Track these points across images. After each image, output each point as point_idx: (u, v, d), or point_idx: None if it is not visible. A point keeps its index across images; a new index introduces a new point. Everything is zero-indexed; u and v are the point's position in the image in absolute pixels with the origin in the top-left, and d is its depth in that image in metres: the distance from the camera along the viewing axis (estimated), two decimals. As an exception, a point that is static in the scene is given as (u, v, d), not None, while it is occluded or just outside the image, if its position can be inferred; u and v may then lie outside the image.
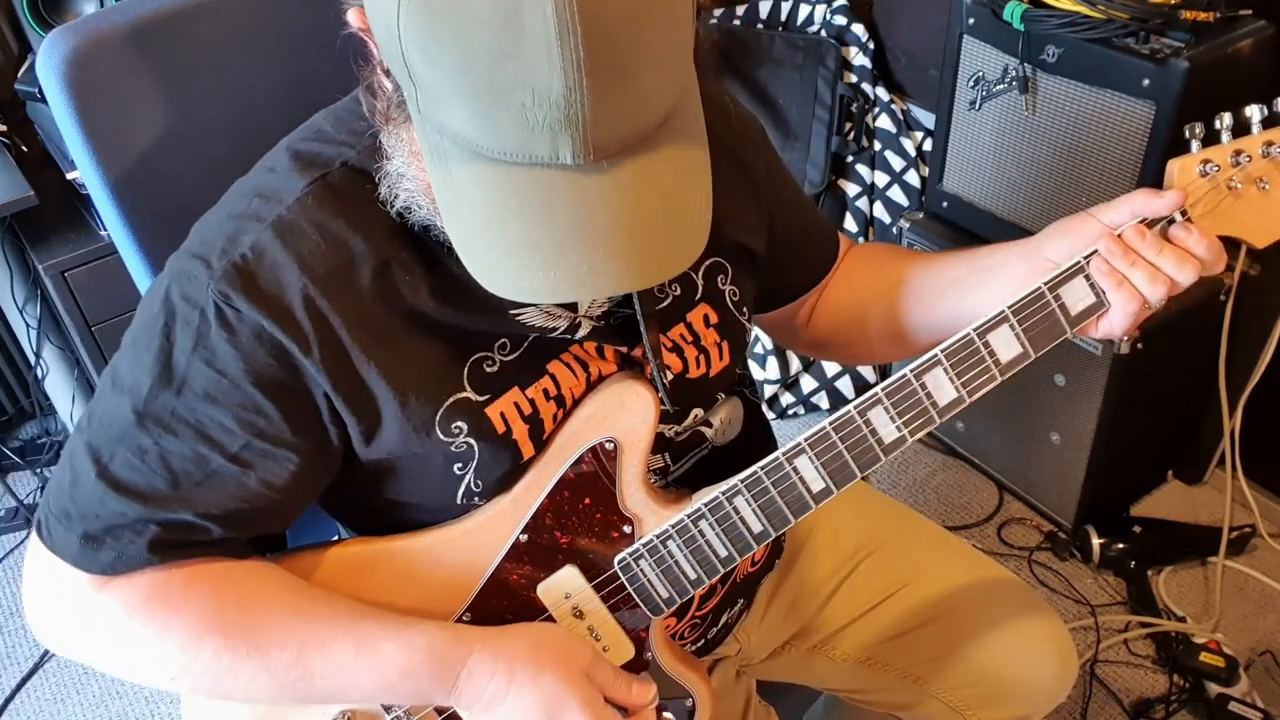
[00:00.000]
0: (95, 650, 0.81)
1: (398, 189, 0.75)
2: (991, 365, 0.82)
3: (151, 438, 0.75)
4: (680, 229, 0.67)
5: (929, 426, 0.83)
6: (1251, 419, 1.82)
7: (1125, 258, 0.80)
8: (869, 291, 1.03)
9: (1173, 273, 0.80)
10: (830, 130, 2.14)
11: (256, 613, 0.80)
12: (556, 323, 0.84)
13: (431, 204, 0.73)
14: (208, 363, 0.75)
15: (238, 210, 0.78)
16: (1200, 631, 1.76)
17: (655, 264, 0.66)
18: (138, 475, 0.75)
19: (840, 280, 1.08)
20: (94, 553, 0.76)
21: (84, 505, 0.76)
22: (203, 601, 0.78)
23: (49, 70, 0.91)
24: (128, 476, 0.75)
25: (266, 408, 0.76)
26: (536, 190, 0.63)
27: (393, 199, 0.76)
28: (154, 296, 0.78)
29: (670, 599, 0.89)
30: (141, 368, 0.76)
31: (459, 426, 0.81)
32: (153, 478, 0.75)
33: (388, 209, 0.77)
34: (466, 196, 0.65)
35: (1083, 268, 0.81)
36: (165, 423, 0.75)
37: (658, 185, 0.65)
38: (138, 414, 0.75)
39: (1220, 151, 0.81)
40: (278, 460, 0.77)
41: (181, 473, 0.76)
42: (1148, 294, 0.81)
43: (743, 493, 0.85)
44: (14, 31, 1.98)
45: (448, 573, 0.87)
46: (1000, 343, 0.81)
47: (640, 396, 0.84)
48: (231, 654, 0.78)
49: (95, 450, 0.76)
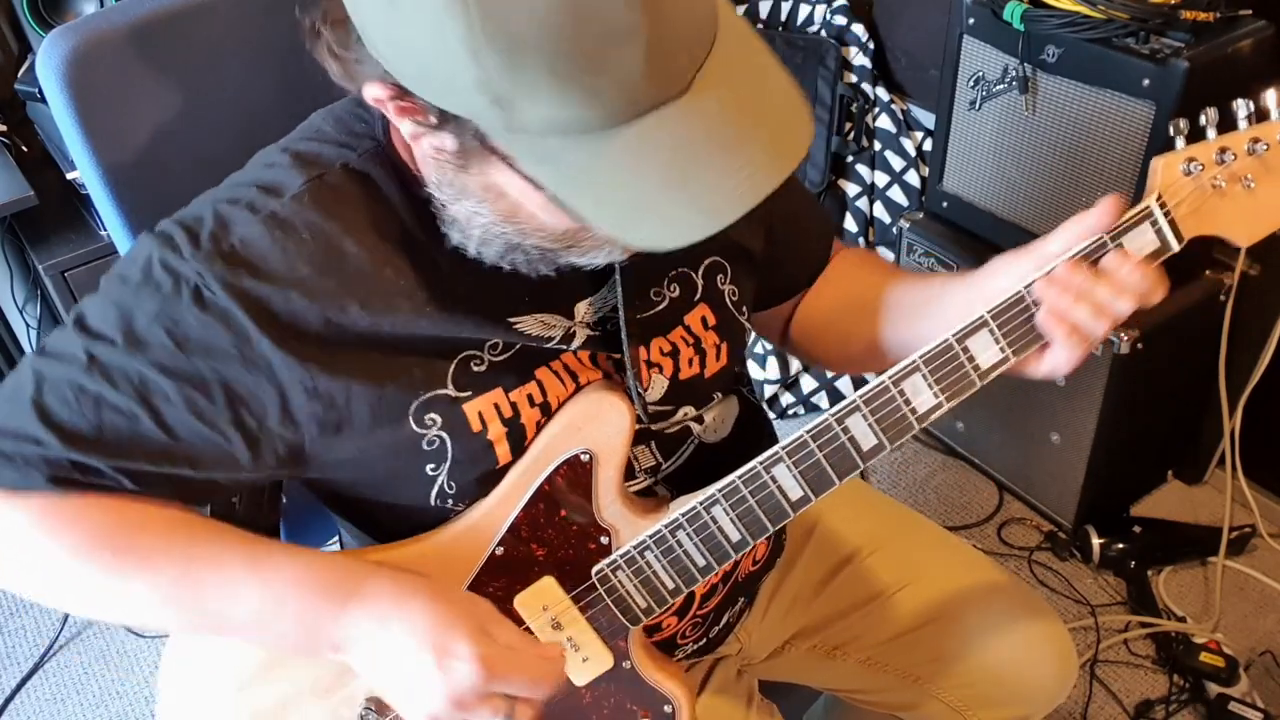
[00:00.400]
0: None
1: (471, 229, 0.75)
2: (971, 371, 0.81)
3: (94, 383, 0.76)
4: (786, 102, 0.67)
5: (908, 433, 0.83)
6: (1251, 419, 1.82)
7: (1063, 297, 0.79)
8: (845, 300, 1.03)
9: (1109, 304, 0.79)
10: (830, 130, 2.14)
11: (152, 530, 0.79)
12: (552, 332, 0.84)
13: (514, 227, 0.73)
14: (169, 331, 0.75)
15: (236, 196, 0.78)
16: (1200, 631, 1.76)
17: (794, 136, 0.66)
18: (67, 411, 0.76)
19: (821, 285, 1.07)
20: (1, 468, 0.77)
21: (10, 421, 0.77)
22: (94, 520, 0.78)
23: (49, 70, 0.91)
24: (58, 410, 0.76)
25: (213, 389, 0.76)
26: (664, 131, 0.63)
27: (466, 241, 0.76)
28: (138, 253, 0.78)
29: (649, 609, 0.89)
30: (106, 319, 0.77)
31: (432, 419, 0.81)
32: (79, 418, 0.76)
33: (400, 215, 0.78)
34: (601, 177, 0.64)
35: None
36: (110, 374, 0.76)
37: (747, 76, 0.66)
38: (89, 356, 0.76)
39: (1205, 149, 0.79)
40: (205, 440, 0.78)
41: (108, 423, 0.76)
42: (1090, 330, 0.79)
43: (720, 502, 0.84)
44: (14, 31, 1.98)
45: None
46: (978, 347, 0.81)
47: (615, 407, 0.84)
48: (121, 567, 0.78)
49: (39, 376, 0.77)
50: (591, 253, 0.76)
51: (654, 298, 0.89)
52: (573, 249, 0.75)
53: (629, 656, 0.92)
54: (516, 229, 0.73)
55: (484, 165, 0.69)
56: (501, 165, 0.68)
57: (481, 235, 0.75)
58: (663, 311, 0.89)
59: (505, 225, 0.73)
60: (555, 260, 0.77)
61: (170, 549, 0.79)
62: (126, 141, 0.96)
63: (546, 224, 0.72)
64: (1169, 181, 0.80)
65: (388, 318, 0.78)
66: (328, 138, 0.81)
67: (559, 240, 0.74)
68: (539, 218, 0.71)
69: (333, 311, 0.77)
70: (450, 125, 0.67)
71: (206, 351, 0.76)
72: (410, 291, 0.79)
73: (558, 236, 0.73)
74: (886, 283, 0.98)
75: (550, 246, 0.75)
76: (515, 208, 0.71)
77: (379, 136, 0.80)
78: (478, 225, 0.74)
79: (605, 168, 0.63)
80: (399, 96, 0.67)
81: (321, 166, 0.79)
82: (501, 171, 0.69)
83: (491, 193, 0.71)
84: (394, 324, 0.78)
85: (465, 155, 0.69)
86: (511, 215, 0.72)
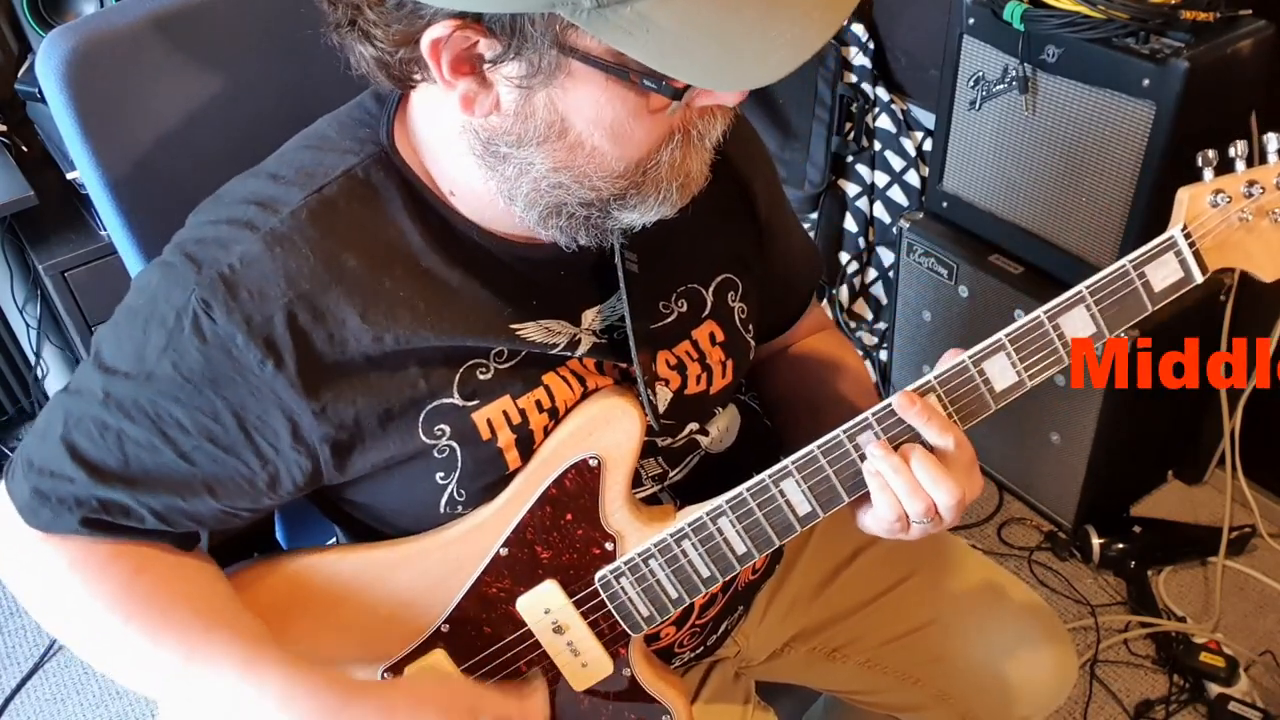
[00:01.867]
0: (27, 591, 0.84)
1: (519, 186, 0.74)
2: (986, 393, 0.82)
3: (113, 418, 0.78)
4: None
5: None
6: (1251, 419, 1.82)
7: (888, 459, 0.81)
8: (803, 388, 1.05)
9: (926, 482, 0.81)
10: (830, 130, 2.14)
11: (160, 604, 0.81)
12: (557, 339, 0.84)
13: (570, 174, 0.73)
14: (175, 365, 0.76)
15: (235, 215, 0.78)
16: (1200, 631, 1.76)
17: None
18: (94, 447, 0.78)
19: (796, 359, 1.08)
20: (38, 508, 0.80)
21: (43, 460, 0.80)
22: (115, 580, 0.81)
23: (49, 70, 0.91)
24: (85, 446, 0.78)
25: (224, 418, 0.77)
26: None
27: (515, 195, 0.75)
28: (145, 281, 0.79)
29: (650, 617, 0.89)
30: (119, 351, 0.78)
31: (441, 429, 0.81)
32: (106, 454, 0.78)
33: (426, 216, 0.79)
34: (693, 28, 0.62)
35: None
36: (127, 409, 0.77)
37: None
38: (106, 393, 0.78)
39: (1233, 181, 0.78)
40: (225, 468, 0.79)
41: (133, 457, 0.78)
42: (906, 505, 0.82)
43: (727, 514, 0.84)
44: (14, 31, 1.98)
45: (426, 583, 0.87)
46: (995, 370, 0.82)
47: (626, 413, 0.83)
48: (123, 636, 0.80)
49: (67, 411, 0.80)
50: (647, 200, 0.75)
51: (662, 310, 0.89)
52: (630, 194, 0.75)
53: (629, 664, 0.92)
54: (572, 176, 0.73)
55: (556, 83, 0.68)
56: (578, 74, 0.67)
57: (530, 193, 0.74)
58: (670, 325, 0.89)
59: (560, 174, 0.73)
60: (604, 219, 0.76)
61: (177, 631, 0.80)
62: (126, 141, 0.96)
63: (609, 157, 0.72)
64: (1195, 213, 0.79)
65: (390, 330, 0.78)
66: (332, 144, 0.81)
67: (618, 180, 0.73)
68: (602, 150, 0.71)
69: (335, 327, 0.77)
70: (524, 37, 0.66)
71: (213, 382, 0.76)
72: (410, 302, 0.78)
73: (617, 174, 0.73)
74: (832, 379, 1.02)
75: (607, 193, 0.74)
76: (575, 148, 0.71)
77: (383, 141, 0.80)
78: (527, 181, 0.74)
79: (696, 17, 0.62)
80: (465, 27, 0.66)
81: (322, 177, 0.79)
82: (575, 86, 0.68)
83: (554, 129, 0.70)
84: (396, 336, 0.78)
85: (538, 74, 0.67)
86: (569, 159, 0.72)
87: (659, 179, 0.74)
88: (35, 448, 0.81)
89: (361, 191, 0.79)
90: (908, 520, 0.82)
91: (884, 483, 0.81)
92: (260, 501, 0.82)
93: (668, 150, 0.73)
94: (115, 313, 0.81)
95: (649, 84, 0.67)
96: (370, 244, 0.78)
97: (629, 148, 0.72)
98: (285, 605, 0.88)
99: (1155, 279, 0.79)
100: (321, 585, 0.88)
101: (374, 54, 0.72)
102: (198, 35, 0.97)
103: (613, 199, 0.75)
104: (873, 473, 0.82)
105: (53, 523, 0.80)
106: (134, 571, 0.81)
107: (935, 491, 0.81)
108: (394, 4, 0.68)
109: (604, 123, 0.70)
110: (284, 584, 0.88)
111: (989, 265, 1.78)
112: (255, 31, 0.99)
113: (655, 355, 0.88)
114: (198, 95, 0.98)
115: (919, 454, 0.81)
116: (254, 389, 0.76)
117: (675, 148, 0.74)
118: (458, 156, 0.77)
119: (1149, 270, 0.79)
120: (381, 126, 0.81)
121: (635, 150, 0.72)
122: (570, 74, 0.67)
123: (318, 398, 0.77)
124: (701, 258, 0.91)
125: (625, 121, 0.70)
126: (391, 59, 0.71)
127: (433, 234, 0.79)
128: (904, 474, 0.81)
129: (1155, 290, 0.80)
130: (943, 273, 1.87)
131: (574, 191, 0.74)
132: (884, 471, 0.81)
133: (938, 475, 0.81)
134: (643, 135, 0.71)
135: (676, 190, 0.76)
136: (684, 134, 0.74)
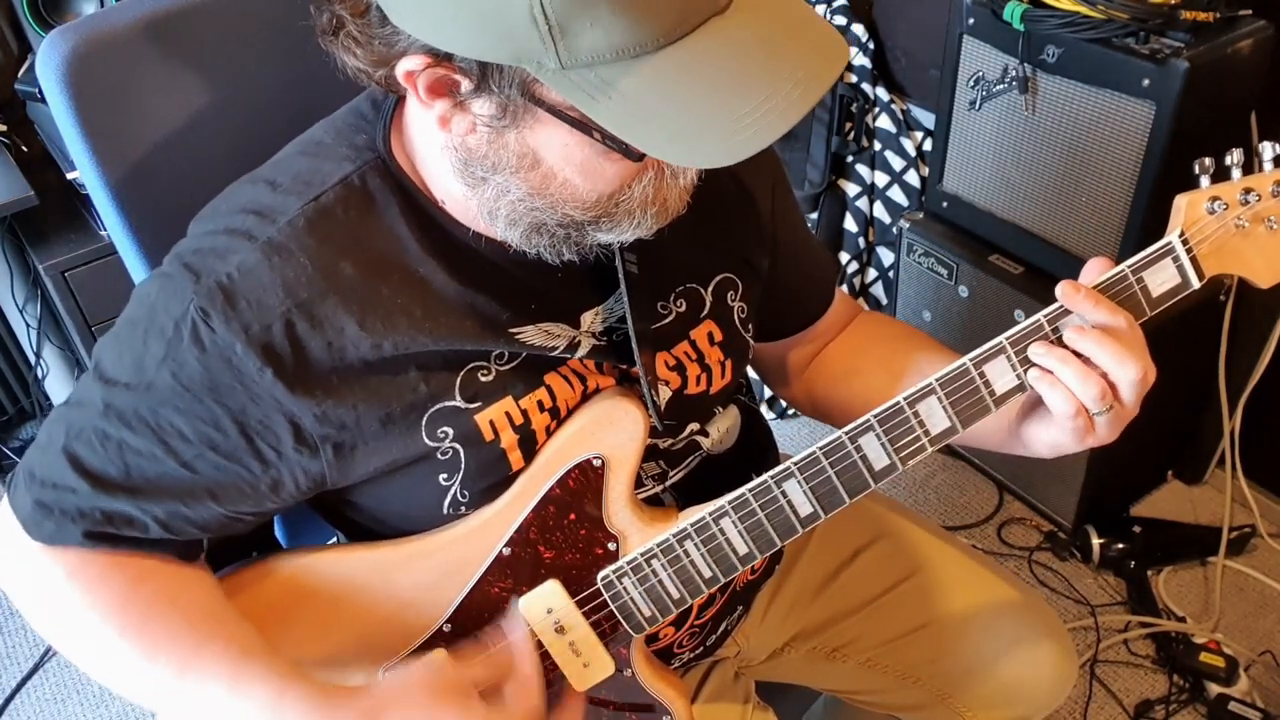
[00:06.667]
0: (29, 603, 0.84)
1: (499, 208, 0.75)
2: (986, 396, 0.81)
3: (114, 428, 0.78)
4: (810, 13, 0.68)
5: (920, 455, 0.83)
6: (1251, 419, 1.82)
7: (1051, 353, 0.78)
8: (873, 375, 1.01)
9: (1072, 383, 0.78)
10: (830, 130, 2.14)
11: (156, 617, 0.81)
12: (556, 341, 0.84)
13: (544, 201, 0.73)
14: (174, 375, 0.76)
15: (233, 225, 0.78)
16: (1200, 631, 1.76)
17: (836, 47, 0.67)
18: (96, 458, 0.78)
19: (844, 352, 1.07)
20: (41, 520, 0.80)
21: (45, 471, 0.80)
22: (112, 591, 0.81)
23: (49, 70, 0.91)
24: (87, 456, 0.78)
25: (225, 425, 0.77)
26: (715, 43, 0.63)
27: (493, 223, 0.76)
28: (144, 292, 0.79)
29: (653, 617, 0.89)
30: (119, 363, 0.78)
31: (444, 431, 0.81)
32: (107, 464, 0.78)
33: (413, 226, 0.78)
34: (657, 99, 0.63)
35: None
36: (128, 419, 0.77)
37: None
38: (106, 404, 0.78)
39: (1229, 189, 0.79)
40: (228, 474, 0.79)
41: (134, 466, 0.78)
42: (1080, 393, 0.78)
43: (729, 514, 0.84)
44: (14, 31, 1.98)
45: (428, 583, 0.87)
46: (995, 372, 0.80)
47: (629, 414, 0.83)
48: (118, 649, 0.80)
49: (68, 423, 0.80)
50: (620, 225, 0.76)
51: (660, 311, 0.89)
52: (602, 220, 0.75)
53: (630, 664, 0.92)
54: (546, 202, 0.73)
55: (524, 125, 0.69)
56: (545, 119, 0.68)
57: (509, 214, 0.75)
58: (669, 325, 0.89)
59: (535, 199, 0.73)
60: (582, 238, 0.77)
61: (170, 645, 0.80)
62: (126, 141, 0.96)
63: (580, 190, 0.72)
64: (1193, 219, 0.79)
65: (388, 337, 0.78)
66: (328, 151, 0.81)
67: (590, 210, 0.74)
68: (573, 183, 0.72)
69: (333, 334, 0.77)
70: (492, 82, 0.66)
71: (213, 390, 0.76)
72: (407, 308, 0.78)
73: (589, 205, 0.74)
74: (921, 358, 0.98)
75: (580, 218, 0.75)
76: (548, 177, 0.72)
77: (379, 148, 0.80)
78: (505, 204, 0.74)
79: (662, 87, 0.63)
80: (436, 65, 0.67)
81: (318, 186, 0.79)
82: (543, 128, 0.69)
83: (526, 161, 0.71)
84: (395, 342, 0.78)
85: (505, 116, 0.68)
86: (543, 187, 0.73)
87: (631, 209, 0.75)
88: (37, 460, 0.81)
89: (358, 199, 0.79)
90: (1088, 413, 0.79)
91: (1054, 379, 0.78)
92: (263, 505, 0.82)
93: (639, 186, 0.74)
94: (116, 324, 0.81)
95: (610, 144, 0.67)
96: (367, 252, 0.78)
97: (599, 183, 0.72)
98: (286, 605, 0.88)
99: (1153, 284, 0.80)
100: (323, 585, 0.88)
101: (355, 66, 0.73)
102: (198, 35, 0.97)
103: (587, 223, 0.76)
104: (1038, 376, 0.79)
105: (56, 535, 0.80)
106: (132, 583, 0.81)
107: (1121, 368, 0.76)
108: (376, 19, 0.69)
109: (574, 161, 0.71)
110: (285, 584, 0.88)
111: (989, 265, 1.78)
112: (255, 31, 0.99)
113: (654, 356, 0.88)
114: (198, 95, 0.98)
115: (1093, 334, 0.77)
116: (254, 396, 0.76)
117: (648, 184, 0.74)
118: (443, 172, 0.78)
119: (1147, 275, 0.80)
120: (378, 133, 0.81)
121: (606, 185, 0.73)
122: (538, 119, 0.68)
123: (318, 401, 0.77)
124: (700, 257, 0.91)
125: (594, 161, 0.71)
126: (373, 74, 0.72)
127: (429, 241, 0.80)
128: (1072, 362, 0.77)
129: (1153, 295, 0.80)
130: (943, 273, 1.87)
131: (550, 215, 0.75)
132: (1052, 365, 0.78)
133: (1119, 350, 0.76)
134: (614, 173, 0.72)
135: (652, 217, 0.76)
136: (658, 171, 0.74)
